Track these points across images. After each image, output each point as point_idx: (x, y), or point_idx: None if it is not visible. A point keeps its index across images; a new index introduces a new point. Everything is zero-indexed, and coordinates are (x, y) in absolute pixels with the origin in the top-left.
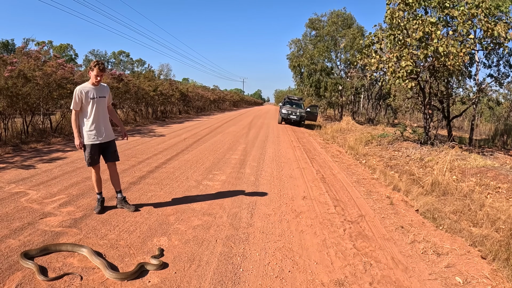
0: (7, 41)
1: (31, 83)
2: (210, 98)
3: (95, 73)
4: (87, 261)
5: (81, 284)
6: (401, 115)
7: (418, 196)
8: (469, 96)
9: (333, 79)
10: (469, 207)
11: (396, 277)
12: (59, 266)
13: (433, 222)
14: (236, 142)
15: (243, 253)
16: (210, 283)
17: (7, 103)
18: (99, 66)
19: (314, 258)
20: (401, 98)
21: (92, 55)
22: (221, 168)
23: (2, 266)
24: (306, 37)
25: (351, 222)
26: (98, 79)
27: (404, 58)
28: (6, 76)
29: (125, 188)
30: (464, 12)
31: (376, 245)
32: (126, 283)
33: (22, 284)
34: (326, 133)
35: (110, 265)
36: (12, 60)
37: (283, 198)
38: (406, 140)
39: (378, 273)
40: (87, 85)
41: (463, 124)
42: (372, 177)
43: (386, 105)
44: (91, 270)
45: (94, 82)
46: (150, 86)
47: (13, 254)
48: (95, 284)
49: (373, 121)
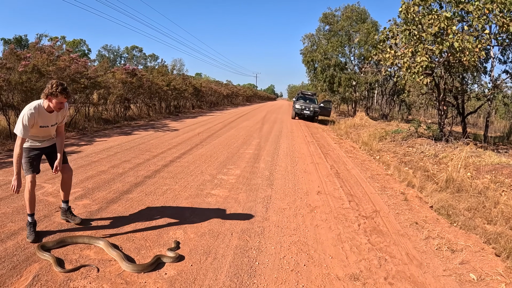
0: (20, 37)
1: (45, 78)
2: (223, 93)
3: (58, 100)
4: (103, 253)
5: (98, 276)
6: (415, 111)
7: (432, 192)
8: (484, 92)
9: (347, 74)
10: (484, 204)
11: (410, 273)
12: (75, 258)
13: (448, 219)
14: (250, 137)
15: (259, 247)
16: (226, 275)
17: (21, 97)
18: (65, 93)
19: (329, 252)
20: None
21: (105, 50)
22: (236, 162)
23: (19, 258)
24: (319, 32)
25: (366, 217)
26: (60, 107)
27: (419, 53)
28: (20, 71)
29: (140, 181)
30: (479, 7)
31: (390, 240)
32: (143, 275)
33: (39, 275)
34: (340, 128)
35: (127, 257)
36: (25, 55)
37: (298, 192)
38: (420, 137)
39: (392, 268)
40: (42, 110)
41: (477, 121)
42: (386, 173)
43: (400, 100)
44: (107, 262)
45: (56, 109)
46: (164, 81)
47: (29, 246)
48: (112, 276)
49: (387, 117)
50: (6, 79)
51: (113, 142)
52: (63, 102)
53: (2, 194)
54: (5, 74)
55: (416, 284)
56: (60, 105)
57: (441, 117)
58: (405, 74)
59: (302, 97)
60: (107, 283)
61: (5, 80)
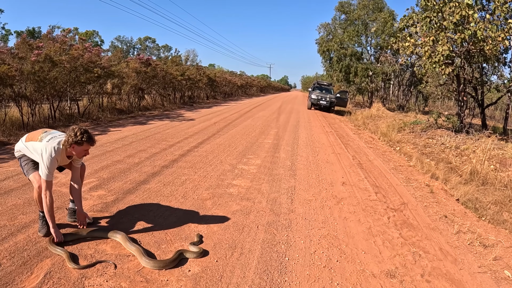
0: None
1: (58, 67)
2: (238, 84)
3: (83, 147)
4: (121, 248)
5: (115, 273)
6: (432, 102)
7: (457, 185)
8: (504, 83)
9: (363, 64)
10: (510, 197)
11: (446, 269)
12: (90, 253)
13: (475, 212)
14: (268, 127)
15: (287, 241)
16: (255, 272)
17: (34, 88)
18: (91, 141)
19: (362, 247)
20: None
21: (118, 41)
22: (255, 152)
23: (30, 253)
24: (335, 21)
25: (394, 210)
26: (84, 155)
27: (440, 42)
28: (33, 61)
29: (157, 171)
30: None
31: (422, 234)
32: (164, 272)
33: (52, 272)
34: (357, 119)
35: (146, 252)
36: (38, 44)
37: (322, 183)
38: (440, 128)
39: (428, 264)
40: (63, 154)
41: (494, 113)
42: (409, 164)
43: (417, 91)
44: (125, 258)
45: (79, 157)
46: (178, 71)
47: (41, 240)
48: (131, 273)
49: (404, 108)
50: (19, 69)
51: (127, 131)
52: (88, 149)
53: (14, 185)
54: (17, 64)
55: (454, 282)
56: (85, 152)
57: (461, 108)
58: (426, 63)
59: (318, 87)
60: (125, 281)
61: (18, 69)
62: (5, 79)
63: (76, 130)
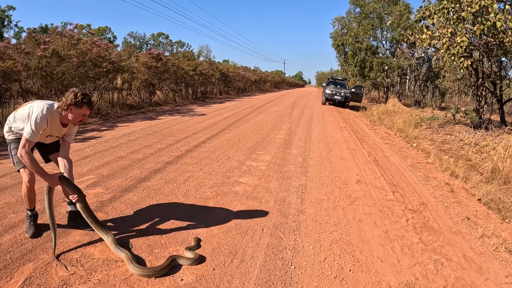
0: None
1: (66, 62)
2: (251, 79)
3: (81, 111)
4: (109, 252)
5: (100, 280)
6: (448, 98)
7: (478, 184)
8: None
9: (379, 58)
10: None
11: (471, 280)
12: (77, 257)
13: (499, 214)
14: (280, 122)
15: (295, 246)
16: (255, 283)
17: (41, 83)
18: (91, 104)
19: (378, 254)
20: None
21: (130, 37)
22: (266, 147)
23: (13, 256)
24: (350, 15)
25: (413, 211)
26: (81, 120)
27: (459, 33)
28: (40, 56)
29: (160, 168)
30: None
31: (444, 239)
32: (154, 280)
33: (32, 278)
34: (372, 114)
35: (136, 258)
36: (45, 39)
37: (335, 181)
38: (457, 124)
39: (451, 274)
40: (56, 118)
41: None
42: (427, 161)
43: (434, 87)
44: (113, 263)
45: (74, 123)
46: (190, 66)
47: (27, 241)
48: (116, 281)
49: (420, 103)
50: (25, 64)
51: (135, 127)
52: (86, 115)
53: (10, 182)
54: (24, 59)
55: None
56: (82, 117)
57: (479, 103)
58: (444, 56)
59: (332, 82)
60: None
61: (24, 64)
62: (10, 74)
63: (77, 91)
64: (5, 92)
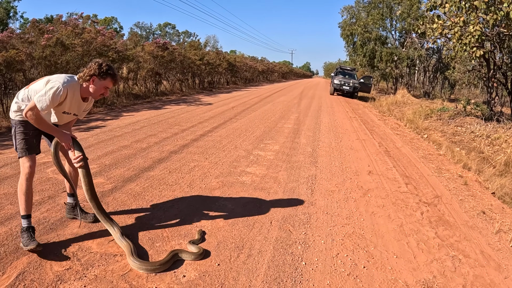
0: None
1: (70, 51)
2: (259, 69)
3: (104, 83)
4: (107, 246)
5: (97, 276)
6: (458, 90)
7: (491, 177)
8: None
9: (388, 49)
10: None
11: (490, 278)
12: (73, 251)
13: None
14: (288, 111)
15: (305, 240)
16: (263, 280)
17: (45, 73)
18: (115, 77)
19: (393, 250)
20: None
21: (137, 27)
22: (274, 137)
23: (7, 249)
24: (359, 4)
25: (428, 204)
26: (103, 94)
27: (472, 22)
28: (43, 45)
29: (165, 157)
30: None
31: (460, 234)
32: (154, 276)
33: (25, 273)
34: (381, 105)
35: (137, 252)
36: (48, 28)
37: (346, 172)
38: (468, 115)
39: (469, 272)
40: (77, 91)
41: None
42: (439, 153)
43: (443, 78)
44: (111, 258)
45: (95, 96)
46: (196, 55)
47: None
48: (114, 277)
49: (429, 95)
50: (28, 53)
51: (140, 116)
52: (108, 88)
53: (10, 172)
54: (27, 48)
55: None
56: (104, 90)
57: (490, 95)
58: (456, 45)
59: (341, 72)
60: (106, 287)
61: (27, 54)
62: (13, 64)
63: (101, 62)
64: (9, 82)
